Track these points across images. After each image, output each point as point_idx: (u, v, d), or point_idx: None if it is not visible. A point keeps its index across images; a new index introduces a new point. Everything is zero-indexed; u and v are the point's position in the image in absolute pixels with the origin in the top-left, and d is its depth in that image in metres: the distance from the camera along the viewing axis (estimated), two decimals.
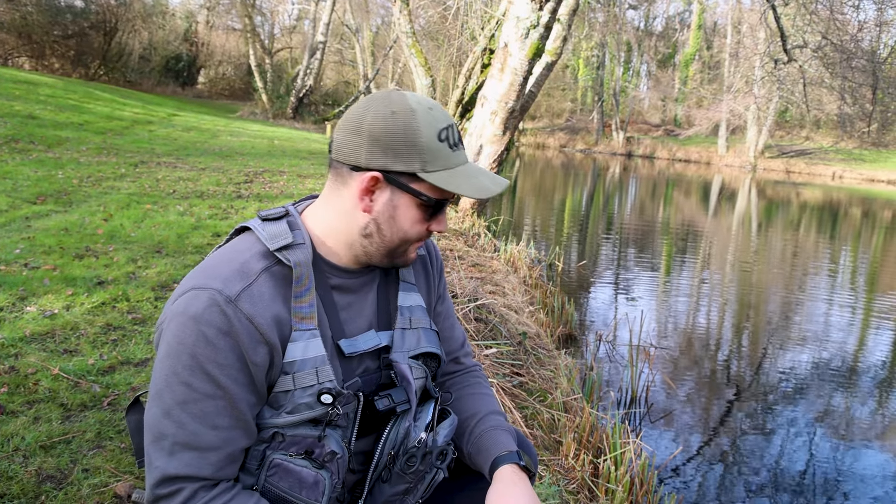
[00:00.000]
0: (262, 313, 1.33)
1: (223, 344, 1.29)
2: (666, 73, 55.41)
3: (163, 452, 1.30)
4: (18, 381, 3.37)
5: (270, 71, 35.67)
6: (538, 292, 7.56)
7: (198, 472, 1.30)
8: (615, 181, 29.83)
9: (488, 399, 1.78)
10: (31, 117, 13.90)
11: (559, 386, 4.69)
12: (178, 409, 1.29)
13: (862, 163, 40.92)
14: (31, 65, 30.23)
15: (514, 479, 1.54)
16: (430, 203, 1.42)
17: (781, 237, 16.49)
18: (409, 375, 1.53)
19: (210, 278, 1.33)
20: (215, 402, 1.30)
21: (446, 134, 1.41)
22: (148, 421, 1.33)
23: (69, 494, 2.58)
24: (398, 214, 1.43)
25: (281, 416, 1.39)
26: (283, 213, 1.47)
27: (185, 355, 1.29)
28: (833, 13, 18.75)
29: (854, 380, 6.74)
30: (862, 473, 4.88)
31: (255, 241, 1.41)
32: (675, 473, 4.69)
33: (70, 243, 6.02)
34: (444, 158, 1.40)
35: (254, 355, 1.32)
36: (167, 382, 1.30)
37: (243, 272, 1.35)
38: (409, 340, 1.58)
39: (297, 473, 1.39)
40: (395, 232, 1.45)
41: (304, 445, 1.40)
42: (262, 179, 11.19)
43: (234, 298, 1.31)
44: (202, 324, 1.28)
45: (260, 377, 1.34)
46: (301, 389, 1.37)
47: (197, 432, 1.30)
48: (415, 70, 15.10)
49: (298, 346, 1.37)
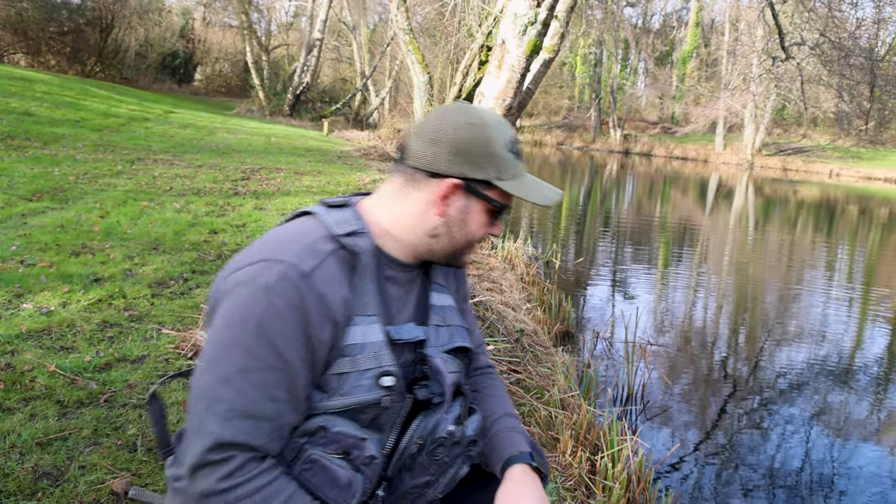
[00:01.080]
0: (332, 292, 1.36)
1: (292, 317, 1.31)
2: (663, 71, 55.44)
3: (217, 418, 1.29)
4: (15, 378, 3.37)
5: (267, 68, 35.64)
6: (535, 289, 7.56)
7: (251, 441, 1.30)
8: (612, 179, 29.84)
9: (503, 401, 1.80)
10: (27, 114, 13.87)
11: (556, 383, 4.69)
12: (238, 376, 1.30)
13: (859, 161, 40.96)
14: (26, 61, 30.16)
15: (526, 479, 1.56)
16: (499, 209, 1.53)
17: (778, 235, 16.51)
18: (443, 369, 1.55)
19: (282, 252, 1.35)
20: (276, 374, 1.31)
21: (512, 145, 1.51)
22: (201, 387, 1.33)
23: (66, 491, 2.58)
24: (469, 219, 1.52)
25: (333, 398, 1.39)
26: (345, 202, 1.54)
27: (252, 324, 1.30)
28: (831, 10, 18.76)
29: (850, 377, 6.75)
30: (858, 470, 4.88)
31: (319, 225, 1.45)
32: (672, 470, 4.70)
33: (66, 240, 6.01)
34: (513, 167, 1.50)
35: (320, 333, 1.34)
36: (227, 349, 1.31)
37: (314, 251, 1.38)
38: (442, 336, 1.61)
39: (333, 472, 1.39)
40: (463, 234, 1.53)
41: (344, 445, 1.40)
42: (258, 176, 11.18)
43: (307, 274, 1.33)
44: (273, 295, 1.30)
45: (321, 355, 1.36)
46: (359, 372, 1.39)
47: (255, 401, 1.30)
48: (412, 67, 15.08)
49: (359, 331, 1.40)
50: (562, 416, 4.17)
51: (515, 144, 1.52)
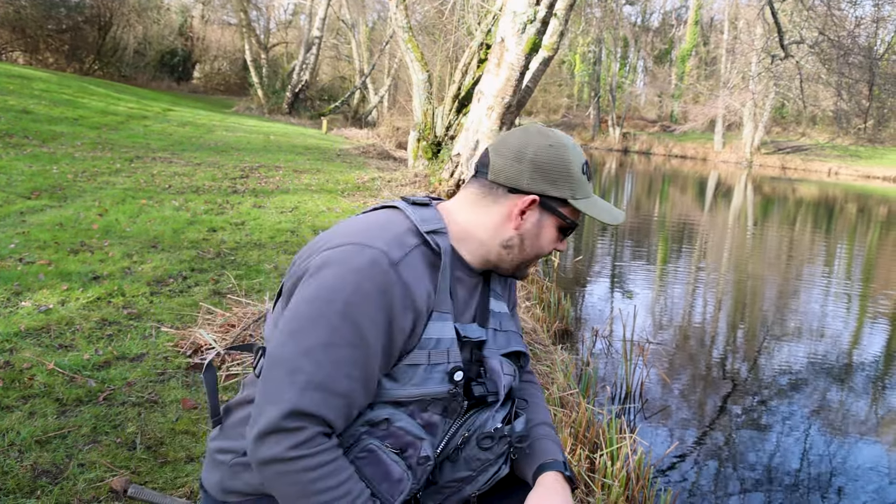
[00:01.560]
0: (417, 284, 1.42)
1: (379, 301, 1.36)
2: (662, 69, 55.43)
3: (296, 387, 1.33)
4: (13, 376, 3.37)
5: (266, 66, 35.58)
6: (534, 288, 7.56)
7: (325, 414, 1.34)
8: (611, 177, 29.84)
9: (541, 409, 1.83)
10: (25, 112, 13.85)
11: (555, 381, 4.69)
12: (320, 349, 1.34)
13: (858, 159, 40.94)
14: (24, 59, 30.11)
15: (556, 486, 1.59)
16: (569, 226, 1.62)
17: (777, 233, 16.51)
18: (499, 369, 1.60)
19: (373, 238, 1.41)
20: (356, 353, 1.36)
21: (586, 168, 1.61)
22: (281, 355, 1.36)
23: (65, 489, 2.58)
24: (542, 233, 1.60)
25: (406, 388, 1.44)
26: (428, 202, 1.60)
27: (339, 302, 1.35)
28: (830, 9, 18.75)
29: (849, 375, 6.76)
30: (857, 468, 4.89)
31: (404, 219, 1.51)
32: (671, 468, 4.70)
33: (65, 238, 6.00)
34: (585, 188, 1.59)
35: (402, 320, 1.39)
36: (313, 323, 1.35)
37: (401, 242, 1.43)
38: (500, 340, 1.67)
39: (387, 466, 1.42)
40: (534, 248, 1.61)
41: (403, 442, 1.44)
42: (257, 175, 11.17)
43: (397, 263, 1.39)
44: (363, 278, 1.35)
45: (398, 343, 1.41)
46: (431, 366, 1.45)
47: (334, 376, 1.34)
48: (411, 65, 15.09)
49: (437, 326, 1.46)
50: (561, 415, 4.17)
51: (587, 168, 1.62)
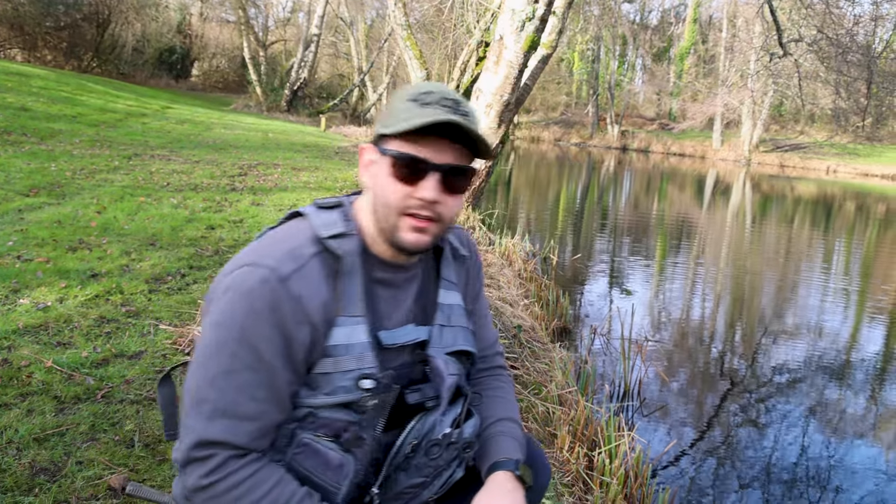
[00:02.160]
0: (310, 295, 1.38)
1: (270, 319, 1.35)
2: (661, 67, 55.40)
3: (202, 417, 1.35)
4: (11, 374, 3.37)
5: (265, 63, 35.54)
6: (533, 285, 7.56)
7: (233, 440, 1.35)
8: (610, 175, 29.84)
9: (506, 404, 1.78)
10: (23, 109, 13.83)
11: (554, 379, 4.69)
12: (221, 377, 1.34)
13: (856, 157, 40.96)
14: (23, 56, 30.07)
15: (506, 486, 1.55)
16: (401, 158, 1.41)
17: (776, 231, 16.52)
18: (443, 371, 1.55)
19: (263, 257, 1.39)
20: (257, 375, 1.35)
21: (420, 96, 1.42)
22: (190, 386, 1.38)
23: (63, 487, 2.57)
24: (378, 178, 1.46)
25: (318, 397, 1.42)
26: (338, 203, 1.54)
27: (235, 328, 1.34)
28: (829, 7, 18.75)
29: (847, 373, 6.76)
30: (854, 467, 4.90)
31: (307, 227, 1.47)
32: (669, 466, 4.70)
33: (63, 236, 6.00)
34: (406, 112, 1.41)
35: (297, 334, 1.37)
36: (214, 352, 1.36)
37: (295, 254, 1.40)
38: (446, 337, 1.60)
39: (324, 455, 1.42)
40: (378, 198, 1.45)
41: (334, 429, 1.43)
42: (256, 172, 11.17)
43: (285, 278, 1.36)
44: (254, 298, 1.34)
45: (300, 356, 1.39)
46: (341, 373, 1.41)
47: (237, 401, 1.35)
48: (410, 63, 15.06)
49: (342, 332, 1.42)
50: (559, 412, 4.17)
51: (429, 96, 1.42)
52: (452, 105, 1.42)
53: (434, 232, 1.47)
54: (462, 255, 1.72)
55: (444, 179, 1.43)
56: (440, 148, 1.42)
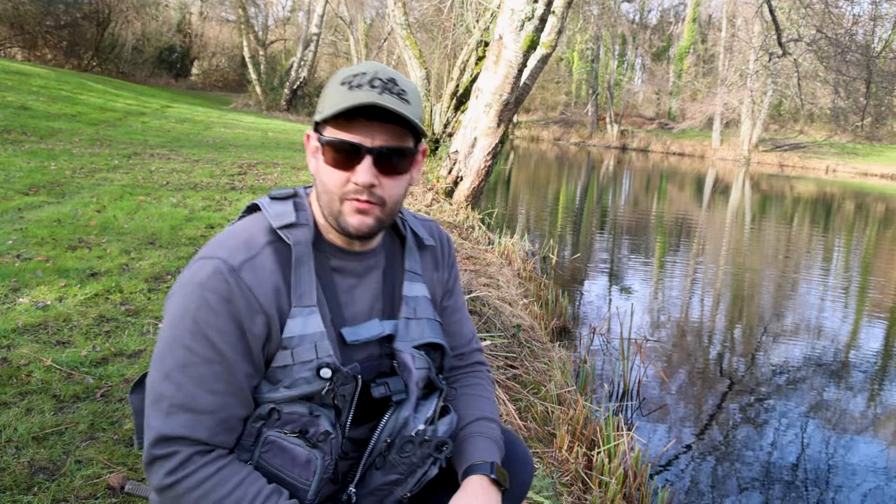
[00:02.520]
0: (262, 284, 1.38)
1: (223, 310, 1.34)
2: (660, 67, 55.38)
3: (160, 413, 1.33)
4: (11, 373, 3.37)
5: (264, 62, 35.50)
6: (532, 285, 7.57)
7: (192, 434, 1.33)
8: (609, 174, 29.84)
9: (483, 402, 1.76)
10: (23, 108, 13.83)
11: (553, 378, 4.69)
12: (177, 371, 1.33)
13: (855, 157, 40.97)
14: (23, 55, 30.03)
15: (478, 492, 1.53)
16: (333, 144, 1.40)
17: (775, 230, 16.53)
18: (410, 364, 1.54)
19: (217, 249, 1.39)
20: (213, 367, 1.34)
21: (350, 79, 1.39)
22: (148, 384, 1.37)
23: (62, 486, 2.58)
24: (318, 165, 1.46)
25: (279, 391, 1.40)
26: (292, 194, 1.53)
27: (188, 320, 1.34)
28: (828, 6, 18.75)
29: (846, 372, 6.77)
30: (853, 466, 4.90)
31: (262, 218, 1.47)
32: (669, 466, 4.71)
33: (63, 235, 6.00)
34: (337, 97, 1.38)
35: (251, 325, 1.36)
36: (169, 346, 1.35)
37: (248, 245, 1.40)
38: (413, 330, 1.58)
39: (291, 451, 1.40)
40: (320, 185, 1.45)
41: (299, 424, 1.41)
42: (255, 171, 11.16)
43: (237, 268, 1.36)
44: (206, 290, 1.34)
45: (257, 348, 1.38)
46: (300, 364, 1.40)
47: (194, 395, 1.33)
48: (409, 62, 15.06)
49: (297, 322, 1.40)
50: (558, 412, 4.17)
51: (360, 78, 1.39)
52: (384, 85, 1.39)
53: (378, 215, 1.45)
54: (427, 244, 1.70)
55: (378, 162, 1.41)
56: (371, 130, 1.39)
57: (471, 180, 9.94)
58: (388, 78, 1.40)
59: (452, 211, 9.54)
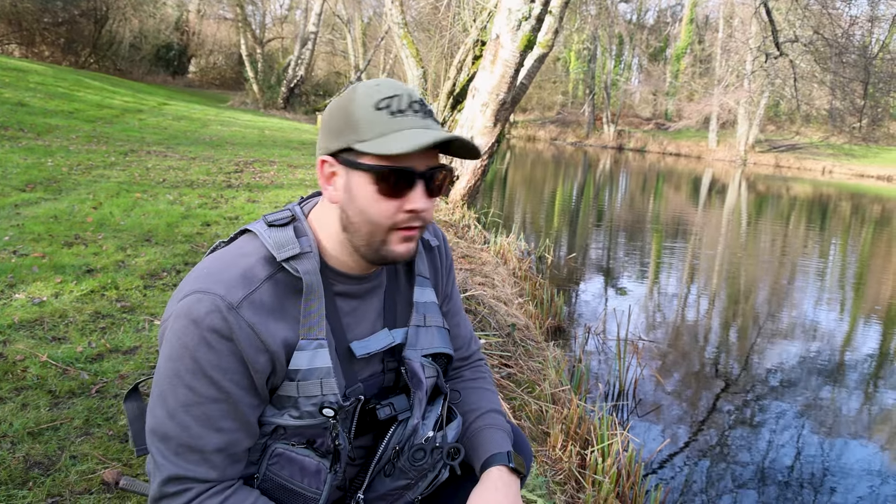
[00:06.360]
0: (264, 321, 1.31)
1: (224, 349, 1.28)
2: (657, 67, 55.41)
3: (169, 453, 1.30)
4: (6, 368, 3.37)
5: (261, 61, 35.50)
6: (527, 284, 7.58)
7: (204, 475, 1.31)
8: (606, 174, 29.86)
9: (489, 395, 1.76)
10: (20, 105, 13.81)
11: (547, 377, 4.71)
12: (181, 411, 1.29)
13: (852, 158, 41.04)
14: (21, 52, 30.00)
15: (499, 483, 1.53)
16: (384, 173, 1.31)
17: (771, 231, 16.56)
18: (420, 374, 1.51)
19: (213, 283, 1.30)
20: (218, 406, 1.30)
21: (387, 102, 1.32)
22: (153, 421, 1.32)
23: (57, 481, 2.58)
24: (355, 195, 1.34)
25: (284, 418, 1.38)
26: (290, 219, 1.43)
27: (187, 359, 1.28)
28: (825, 8, 18.79)
29: (841, 374, 6.79)
30: (848, 468, 4.92)
31: (259, 247, 1.38)
32: (662, 466, 4.72)
33: (59, 231, 6.00)
34: (381, 125, 1.31)
35: (255, 362, 1.31)
36: (171, 385, 1.30)
37: (246, 279, 1.32)
38: (423, 339, 1.55)
39: (300, 462, 1.39)
40: (359, 216, 1.35)
41: (307, 436, 1.40)
42: (252, 169, 11.16)
43: (237, 305, 1.28)
44: (204, 328, 1.27)
45: (261, 382, 1.34)
46: (305, 398, 1.37)
47: (201, 435, 1.30)
48: (406, 61, 15.07)
49: (305, 356, 1.36)
50: (552, 411, 4.18)
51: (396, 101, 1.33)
52: (423, 108, 1.35)
53: (420, 236, 1.43)
54: (433, 245, 1.68)
55: (427, 185, 1.36)
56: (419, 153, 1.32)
57: (467, 179, 9.95)
58: (419, 100, 1.36)
59: (448, 210, 9.55)
